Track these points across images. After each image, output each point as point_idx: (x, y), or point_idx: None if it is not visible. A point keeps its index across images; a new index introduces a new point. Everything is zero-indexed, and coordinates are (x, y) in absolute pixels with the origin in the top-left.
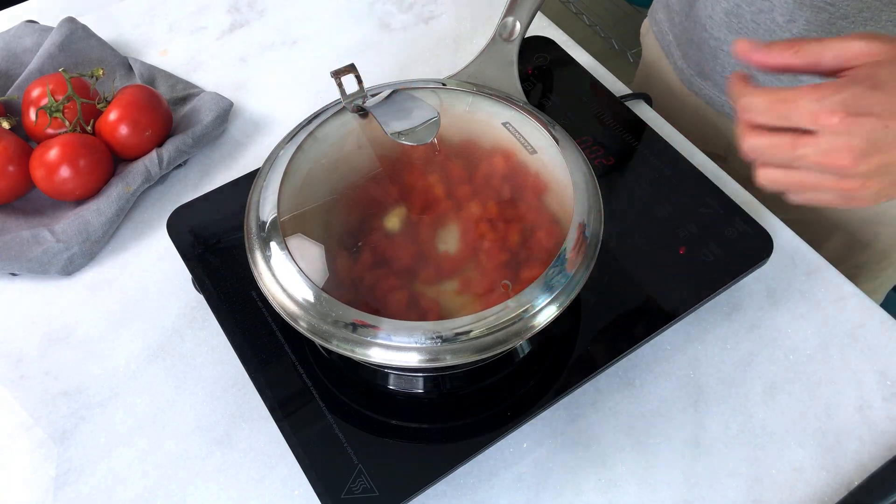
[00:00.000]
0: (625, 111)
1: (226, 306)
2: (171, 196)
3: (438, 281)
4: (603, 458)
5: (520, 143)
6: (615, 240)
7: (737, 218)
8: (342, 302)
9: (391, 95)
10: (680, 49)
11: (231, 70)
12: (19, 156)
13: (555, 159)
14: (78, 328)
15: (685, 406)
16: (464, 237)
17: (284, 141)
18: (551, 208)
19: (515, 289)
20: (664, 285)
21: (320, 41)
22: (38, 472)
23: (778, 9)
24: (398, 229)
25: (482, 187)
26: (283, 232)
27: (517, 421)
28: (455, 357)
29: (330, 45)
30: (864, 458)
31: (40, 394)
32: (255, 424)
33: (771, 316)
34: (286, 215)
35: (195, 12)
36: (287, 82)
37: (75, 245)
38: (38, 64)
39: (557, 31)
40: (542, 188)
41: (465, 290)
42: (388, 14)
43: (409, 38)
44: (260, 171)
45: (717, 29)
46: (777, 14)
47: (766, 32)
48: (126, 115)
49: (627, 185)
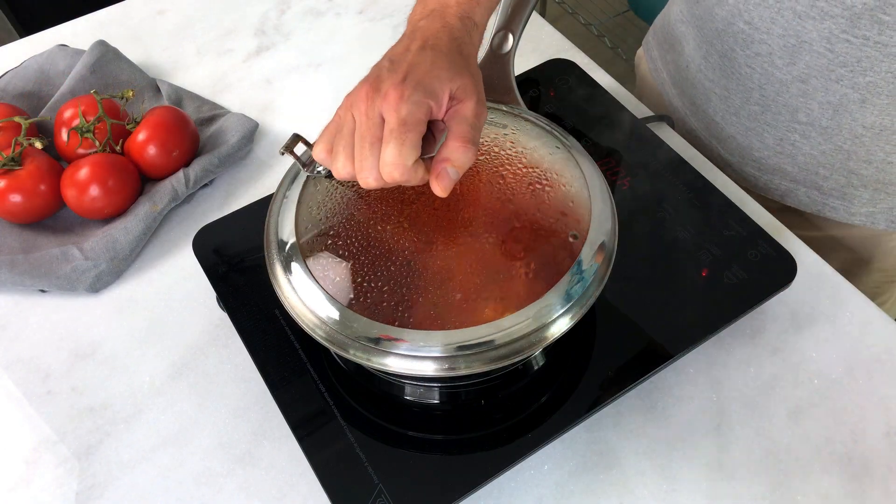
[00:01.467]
0: (647, 133)
1: (249, 324)
2: (196, 215)
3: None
4: (624, 481)
5: (537, 158)
6: (637, 262)
7: (760, 240)
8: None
9: None
10: (675, 87)
11: (257, 92)
12: (51, 175)
13: (572, 173)
14: (104, 345)
15: (708, 430)
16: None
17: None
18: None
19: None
20: (687, 308)
21: (345, 64)
22: (62, 487)
23: (777, 52)
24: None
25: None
26: (302, 249)
27: (538, 442)
28: (469, 366)
29: (354, 68)
30: (892, 486)
31: (66, 409)
32: (276, 443)
33: (795, 339)
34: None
35: (222, 35)
36: (312, 104)
37: (103, 263)
38: (70, 86)
39: (579, 54)
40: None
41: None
42: None
43: None
44: (277, 189)
45: (711, 71)
46: (776, 58)
47: (760, 76)
48: (154, 136)
49: (649, 206)
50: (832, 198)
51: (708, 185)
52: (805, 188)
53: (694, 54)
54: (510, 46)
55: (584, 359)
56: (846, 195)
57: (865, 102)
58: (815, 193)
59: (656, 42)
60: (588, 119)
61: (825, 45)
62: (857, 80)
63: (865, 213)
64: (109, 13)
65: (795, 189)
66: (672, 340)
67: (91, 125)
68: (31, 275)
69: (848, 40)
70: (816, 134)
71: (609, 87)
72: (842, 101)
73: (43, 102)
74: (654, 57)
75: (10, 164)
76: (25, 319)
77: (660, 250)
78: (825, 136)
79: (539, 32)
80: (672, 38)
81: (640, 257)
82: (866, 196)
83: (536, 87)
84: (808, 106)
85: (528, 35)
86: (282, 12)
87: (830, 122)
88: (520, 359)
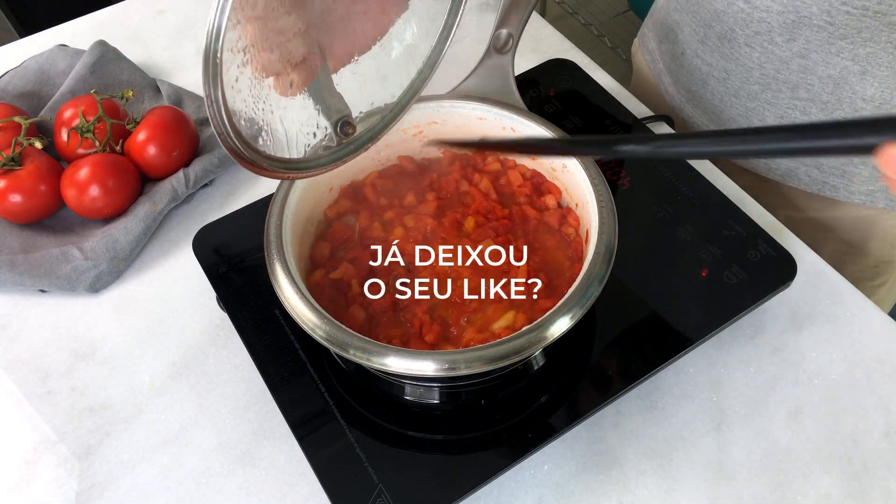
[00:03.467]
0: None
1: (249, 324)
2: (196, 215)
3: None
4: (625, 481)
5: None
6: (637, 262)
7: (760, 240)
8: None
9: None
10: (671, 76)
11: None
12: (51, 175)
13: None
14: (104, 345)
15: (708, 430)
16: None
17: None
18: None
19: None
20: (686, 308)
21: None
22: (62, 488)
23: (776, 29)
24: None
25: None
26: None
27: (538, 443)
28: (469, 367)
29: None
30: (892, 486)
31: (66, 409)
32: (276, 442)
33: (795, 339)
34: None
35: None
36: None
37: (103, 263)
38: (70, 86)
39: (579, 54)
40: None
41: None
42: None
43: None
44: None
45: (710, 55)
46: (776, 35)
47: (760, 55)
48: (154, 136)
49: (649, 206)
50: (832, 176)
51: (708, 185)
52: (805, 167)
53: (690, 40)
54: (510, 46)
55: (584, 359)
56: (846, 173)
57: (866, 74)
58: (816, 172)
59: (652, 33)
60: (588, 119)
61: (825, 18)
62: (857, 52)
63: (865, 192)
64: (109, 13)
65: (796, 169)
66: (671, 340)
67: (91, 125)
68: (31, 275)
69: (848, 11)
70: (817, 110)
71: (609, 87)
72: (842, 74)
73: (43, 102)
74: (650, 48)
75: (10, 164)
76: (25, 319)
77: (660, 250)
78: (826, 111)
79: (539, 32)
80: (666, 27)
81: (640, 257)
82: (866, 173)
83: (536, 87)
84: (809, 81)
85: (528, 35)
86: None
87: (831, 96)
88: (520, 359)
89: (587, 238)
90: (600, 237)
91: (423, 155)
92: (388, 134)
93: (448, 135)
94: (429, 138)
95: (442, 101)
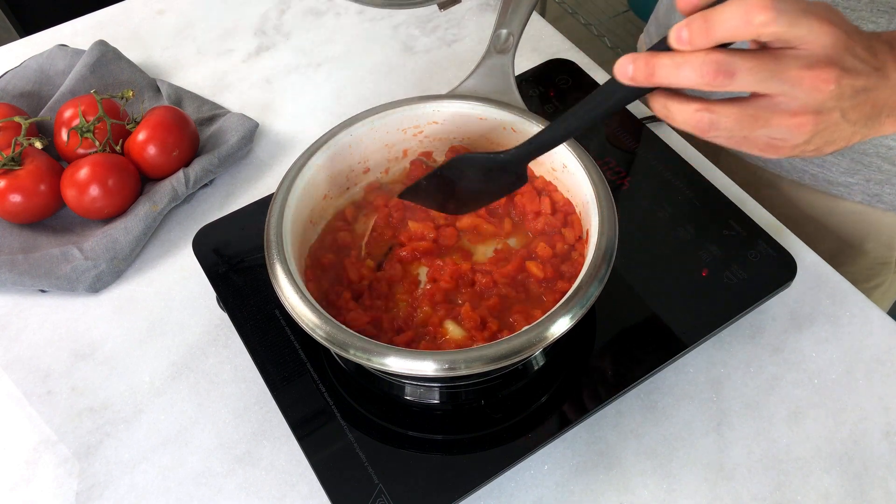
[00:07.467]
0: (647, 133)
1: (249, 325)
2: (196, 215)
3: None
4: (625, 481)
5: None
6: (637, 262)
7: (760, 240)
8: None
9: None
10: None
11: (257, 92)
12: (51, 175)
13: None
14: (104, 345)
15: (708, 429)
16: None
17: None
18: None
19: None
20: (687, 308)
21: (344, 64)
22: (62, 487)
23: None
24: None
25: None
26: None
27: (537, 442)
28: (469, 367)
29: (353, 68)
30: (892, 486)
31: (66, 409)
32: (276, 443)
33: (795, 339)
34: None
35: (222, 35)
36: (311, 104)
37: (103, 263)
38: (70, 85)
39: (579, 54)
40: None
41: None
42: (411, 37)
43: (432, 61)
44: (277, 189)
45: None
46: None
47: None
48: (154, 136)
49: (649, 206)
50: (837, 173)
51: (708, 185)
52: (811, 164)
53: None
54: (510, 46)
55: (584, 359)
56: (849, 170)
57: None
58: (818, 169)
59: (655, 32)
60: None
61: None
62: None
63: (869, 193)
64: (109, 13)
65: (803, 166)
66: (672, 340)
67: (91, 125)
68: (31, 275)
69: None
70: None
71: None
72: None
73: (43, 102)
74: (652, 37)
75: (10, 164)
76: (25, 319)
77: (660, 250)
78: None
79: (539, 32)
80: (670, 24)
81: (640, 257)
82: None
83: (536, 87)
84: None
85: (528, 35)
86: (282, 12)
87: None
88: (520, 359)
89: (586, 237)
90: (600, 237)
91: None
92: (389, 134)
93: (448, 135)
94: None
95: (442, 101)
